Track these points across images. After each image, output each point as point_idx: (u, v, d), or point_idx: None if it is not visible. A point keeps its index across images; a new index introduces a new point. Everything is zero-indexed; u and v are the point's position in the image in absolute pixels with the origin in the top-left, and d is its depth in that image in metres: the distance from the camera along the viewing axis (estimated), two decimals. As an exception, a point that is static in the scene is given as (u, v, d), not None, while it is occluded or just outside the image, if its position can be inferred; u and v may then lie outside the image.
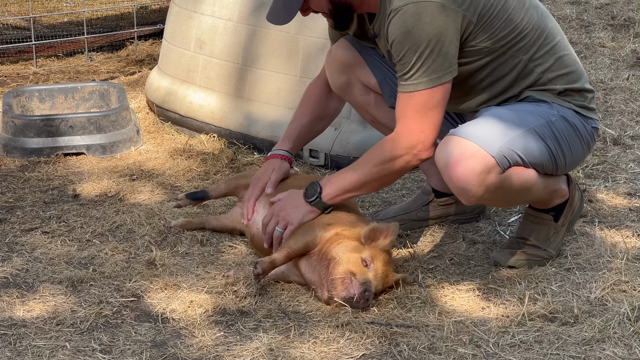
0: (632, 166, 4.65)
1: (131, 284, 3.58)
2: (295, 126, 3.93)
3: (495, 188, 3.40)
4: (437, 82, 3.37)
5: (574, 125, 3.57)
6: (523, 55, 3.51)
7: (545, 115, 3.51)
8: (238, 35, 4.87)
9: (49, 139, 4.82)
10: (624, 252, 3.76)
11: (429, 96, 3.38)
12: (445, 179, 3.43)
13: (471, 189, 3.37)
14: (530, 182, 3.50)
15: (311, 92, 3.97)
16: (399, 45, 3.36)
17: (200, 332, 3.27)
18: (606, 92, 5.54)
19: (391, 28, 3.37)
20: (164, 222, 4.06)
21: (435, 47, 3.33)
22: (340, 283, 3.36)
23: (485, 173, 3.35)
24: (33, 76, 6.17)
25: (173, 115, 5.16)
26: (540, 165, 3.51)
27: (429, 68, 3.35)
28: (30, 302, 3.46)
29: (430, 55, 3.34)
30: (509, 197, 3.56)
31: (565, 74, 3.58)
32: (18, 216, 4.17)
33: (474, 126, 3.42)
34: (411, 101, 3.40)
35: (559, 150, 3.54)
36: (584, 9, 7.04)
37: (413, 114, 3.41)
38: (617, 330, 3.23)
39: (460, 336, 3.23)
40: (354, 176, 3.55)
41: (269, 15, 3.53)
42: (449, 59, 3.37)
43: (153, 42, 6.75)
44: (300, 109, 3.96)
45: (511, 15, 3.47)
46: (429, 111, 3.40)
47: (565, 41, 3.64)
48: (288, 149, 3.91)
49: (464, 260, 3.81)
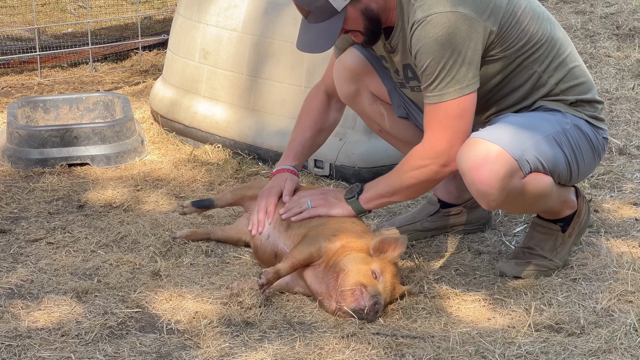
0: (637, 176, 4.64)
1: (136, 295, 3.58)
2: (299, 142, 3.92)
3: (516, 193, 3.40)
4: (462, 93, 3.36)
5: (587, 134, 3.58)
6: (538, 67, 3.52)
7: (561, 123, 3.52)
8: (242, 45, 4.87)
9: (53, 150, 4.82)
10: (630, 262, 3.75)
11: (454, 106, 3.38)
12: (467, 182, 3.41)
13: (493, 193, 3.36)
14: (547, 189, 3.49)
15: (311, 104, 3.95)
16: (423, 55, 3.35)
17: (205, 343, 3.26)
18: (611, 102, 5.54)
19: (414, 39, 3.36)
20: (169, 233, 4.05)
21: (459, 58, 3.33)
22: (351, 294, 3.35)
23: (509, 177, 3.35)
24: (37, 87, 6.18)
25: (177, 125, 5.16)
26: (557, 172, 3.51)
27: (453, 79, 3.34)
28: (35, 313, 3.45)
29: (454, 66, 3.33)
30: (526, 204, 3.56)
31: (576, 85, 3.58)
32: (23, 227, 4.16)
33: (496, 130, 3.41)
34: (436, 112, 3.40)
35: (573, 159, 3.54)
36: (589, 18, 7.04)
37: (438, 124, 3.41)
38: (624, 340, 3.22)
39: (466, 347, 3.22)
40: (388, 183, 3.57)
41: (302, 44, 3.50)
42: (473, 69, 3.36)
43: (157, 52, 6.75)
44: (301, 123, 3.95)
45: (527, 26, 3.47)
46: (455, 122, 3.39)
47: (575, 52, 3.64)
48: (294, 165, 3.90)
49: (470, 271, 3.80)
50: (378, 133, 4.03)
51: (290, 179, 3.84)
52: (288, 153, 3.92)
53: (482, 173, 3.34)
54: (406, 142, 3.93)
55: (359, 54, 3.80)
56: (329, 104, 3.94)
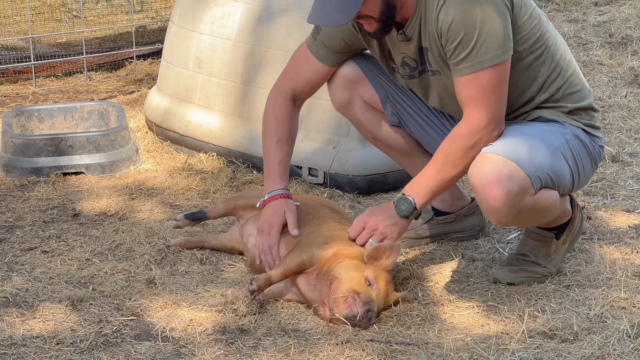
0: (630, 183, 4.66)
1: (131, 303, 3.58)
2: (280, 160, 3.77)
3: (527, 210, 3.40)
4: (500, 59, 3.35)
5: (585, 144, 3.59)
6: (544, 70, 3.52)
7: (563, 134, 3.52)
8: (237, 54, 4.89)
9: (48, 159, 4.82)
10: (623, 269, 3.76)
11: (494, 72, 3.36)
12: (479, 199, 3.40)
13: (504, 210, 3.36)
14: (555, 204, 3.50)
15: (279, 114, 3.80)
16: (456, 25, 3.33)
17: (200, 350, 3.27)
18: (604, 110, 5.55)
19: (442, 14, 3.35)
20: (164, 241, 4.06)
21: (494, 24, 3.32)
22: (343, 301, 3.36)
23: (521, 195, 3.34)
24: (32, 96, 6.18)
25: (172, 134, 5.17)
26: (563, 186, 3.51)
27: (491, 45, 3.33)
28: (30, 322, 3.45)
29: (489, 33, 3.32)
30: (534, 219, 3.58)
31: (574, 92, 3.60)
32: (18, 235, 4.17)
33: (507, 144, 3.39)
34: (476, 82, 3.37)
35: (576, 170, 3.55)
36: (582, 26, 7.06)
37: (482, 93, 3.37)
38: (617, 347, 3.23)
39: (460, 353, 3.23)
40: (440, 176, 3.48)
41: (315, 17, 3.40)
42: (507, 36, 3.35)
43: (152, 61, 6.76)
44: (275, 136, 3.78)
45: (539, 24, 3.49)
46: (497, 88, 3.37)
47: (573, 60, 3.66)
48: (283, 186, 3.77)
49: (464, 278, 3.81)
50: (371, 141, 4.04)
51: (289, 208, 3.71)
52: (273, 174, 3.78)
53: (495, 190, 3.32)
54: (398, 150, 3.94)
55: (353, 63, 3.80)
56: (294, 108, 3.83)
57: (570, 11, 7.49)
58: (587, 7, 7.54)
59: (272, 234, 3.69)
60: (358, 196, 4.57)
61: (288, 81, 3.82)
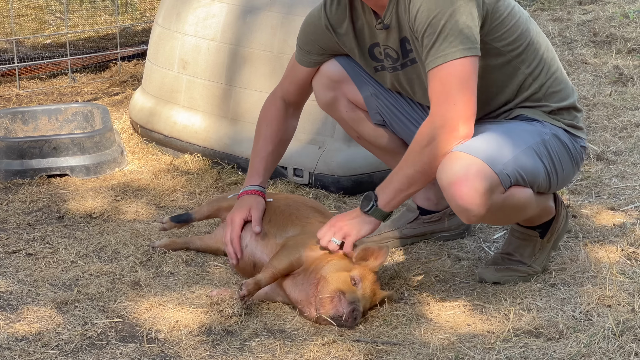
0: (615, 181, 4.67)
1: (116, 305, 3.57)
2: (262, 158, 3.86)
3: (497, 208, 3.38)
4: (465, 53, 3.30)
5: (565, 144, 3.58)
6: (525, 68, 3.52)
7: (540, 133, 3.52)
8: (221, 55, 4.88)
9: (32, 161, 4.80)
10: (608, 267, 3.77)
11: (458, 67, 3.31)
12: (447, 197, 3.37)
13: (474, 209, 3.34)
14: (527, 201, 3.49)
15: (269, 114, 3.90)
16: (424, 14, 3.32)
17: (185, 352, 3.26)
18: (589, 108, 5.57)
19: (413, 2, 3.34)
20: (149, 243, 4.05)
21: (460, 18, 3.29)
22: (329, 302, 3.36)
23: (490, 193, 3.33)
24: (16, 98, 6.16)
25: (157, 135, 5.16)
26: (537, 184, 3.50)
27: (457, 38, 3.29)
28: (14, 324, 3.44)
29: (456, 25, 3.29)
30: (506, 216, 3.56)
31: (557, 91, 3.60)
32: (2, 238, 4.15)
33: (476, 143, 3.37)
34: (440, 74, 3.32)
35: (553, 170, 3.54)
36: (566, 25, 7.08)
37: (444, 89, 3.32)
38: (602, 345, 3.24)
39: (446, 353, 3.23)
40: (402, 174, 3.44)
41: None
42: (473, 35, 3.32)
43: (136, 62, 6.75)
44: (262, 135, 3.88)
45: (519, 22, 3.49)
46: (460, 85, 3.31)
47: (557, 58, 3.66)
48: (259, 183, 3.86)
49: (449, 277, 3.81)
50: (356, 140, 4.04)
51: (255, 205, 3.79)
52: (252, 171, 3.87)
53: (463, 189, 3.31)
54: (383, 149, 3.94)
55: (337, 63, 3.80)
56: (287, 112, 3.91)
57: (554, 10, 7.51)
58: (572, 6, 7.56)
59: (234, 227, 3.76)
60: (343, 196, 4.57)
61: (280, 87, 3.93)
